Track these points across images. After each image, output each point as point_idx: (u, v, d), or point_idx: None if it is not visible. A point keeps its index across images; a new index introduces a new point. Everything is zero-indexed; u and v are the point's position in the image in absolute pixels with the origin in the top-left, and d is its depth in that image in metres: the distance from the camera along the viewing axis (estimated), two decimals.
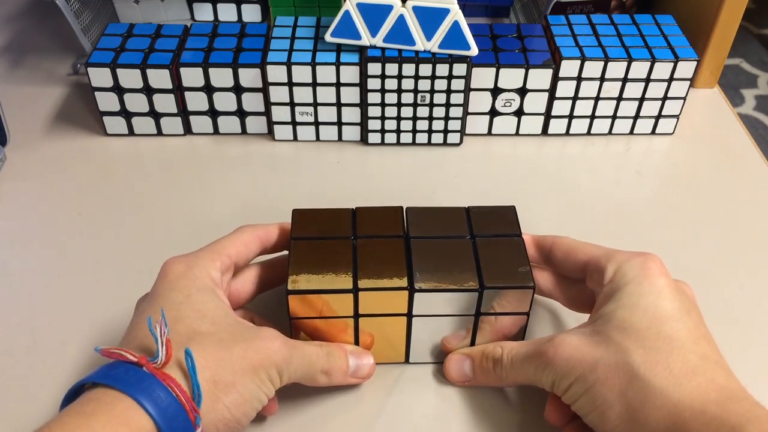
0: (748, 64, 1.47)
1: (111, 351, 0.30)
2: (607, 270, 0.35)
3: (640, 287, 0.34)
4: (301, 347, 0.35)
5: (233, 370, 0.31)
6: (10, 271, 0.46)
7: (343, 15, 0.50)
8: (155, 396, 0.29)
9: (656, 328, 0.32)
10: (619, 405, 0.31)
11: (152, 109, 0.55)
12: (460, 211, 0.40)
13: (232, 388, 0.31)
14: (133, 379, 0.29)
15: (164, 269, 0.35)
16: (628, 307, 0.33)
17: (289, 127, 0.55)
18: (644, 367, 0.31)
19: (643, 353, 0.32)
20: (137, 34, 0.55)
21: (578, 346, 0.33)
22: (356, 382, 0.38)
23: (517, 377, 0.36)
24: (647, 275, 0.34)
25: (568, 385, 0.33)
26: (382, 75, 0.51)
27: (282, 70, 0.52)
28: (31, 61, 0.66)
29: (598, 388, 0.32)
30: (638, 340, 0.32)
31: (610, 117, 0.56)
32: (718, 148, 0.57)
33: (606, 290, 0.35)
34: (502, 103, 0.55)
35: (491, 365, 0.37)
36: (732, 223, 0.50)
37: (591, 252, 0.37)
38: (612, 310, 0.34)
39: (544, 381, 0.34)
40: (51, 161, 0.54)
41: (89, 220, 0.50)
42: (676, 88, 0.54)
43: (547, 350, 0.34)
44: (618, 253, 0.36)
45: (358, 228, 0.39)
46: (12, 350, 0.41)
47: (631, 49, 0.54)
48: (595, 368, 0.32)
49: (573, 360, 0.33)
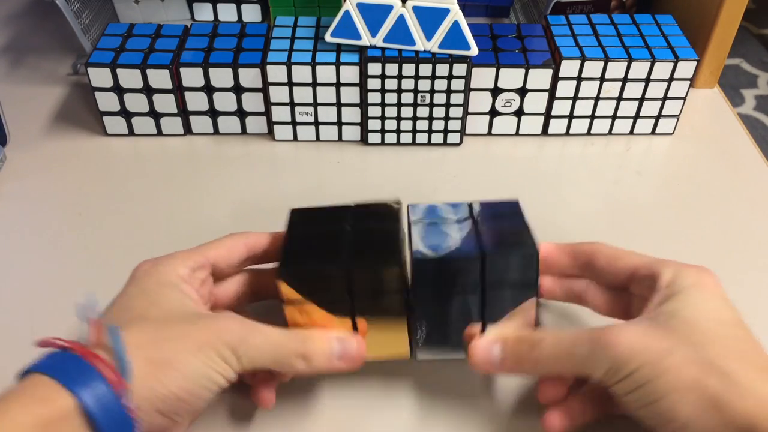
0: (748, 64, 1.47)
1: (46, 341, 0.31)
2: (664, 275, 0.35)
3: (702, 293, 0.34)
4: (265, 330, 0.33)
5: (171, 349, 0.31)
6: (10, 271, 0.46)
7: (343, 15, 0.50)
8: (78, 374, 0.29)
9: (723, 330, 0.32)
10: (696, 393, 0.30)
11: (152, 109, 0.55)
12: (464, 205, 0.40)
13: (168, 366, 0.30)
14: (58, 362, 0.29)
15: (134, 271, 0.36)
16: (692, 307, 0.33)
17: (289, 127, 0.55)
18: (722, 360, 0.31)
19: (718, 349, 0.31)
20: (137, 34, 0.55)
21: (644, 333, 0.32)
22: (345, 367, 0.35)
23: (560, 363, 0.34)
24: (706, 285, 0.34)
25: (630, 371, 0.31)
26: (382, 75, 0.51)
27: (282, 70, 0.52)
28: (31, 61, 0.66)
29: (670, 376, 0.31)
30: (709, 338, 0.32)
31: (610, 117, 0.56)
32: (718, 148, 0.57)
33: (663, 293, 0.34)
34: (502, 103, 0.55)
35: (527, 349, 0.34)
36: (732, 223, 0.50)
37: (639, 259, 0.37)
38: (675, 309, 0.33)
39: (596, 368, 0.32)
40: (51, 161, 0.54)
41: (89, 220, 0.50)
42: (676, 88, 0.55)
43: (609, 334, 0.32)
44: (669, 261, 0.36)
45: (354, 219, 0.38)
46: (12, 350, 0.41)
47: (631, 49, 0.54)
48: (668, 356, 0.31)
49: (640, 346, 0.32)
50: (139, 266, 0.36)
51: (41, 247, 0.47)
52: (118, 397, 0.29)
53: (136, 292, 0.34)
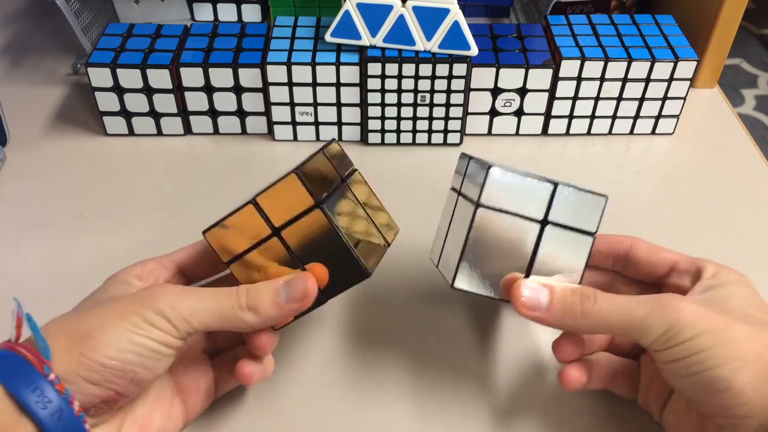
0: (748, 64, 1.47)
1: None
2: (708, 269, 0.36)
3: (745, 289, 0.35)
4: (200, 291, 0.34)
5: (91, 323, 0.32)
6: (10, 271, 0.46)
7: (343, 15, 0.50)
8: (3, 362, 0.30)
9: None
10: (757, 364, 0.31)
11: (152, 109, 0.55)
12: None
13: (88, 338, 0.31)
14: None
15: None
16: (740, 298, 0.34)
17: (289, 127, 0.55)
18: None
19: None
20: (137, 34, 0.55)
21: (704, 303, 0.33)
22: (298, 308, 0.35)
23: (609, 320, 0.33)
24: (747, 284, 0.36)
25: (691, 335, 0.32)
26: (382, 75, 0.51)
27: (282, 70, 0.52)
28: (31, 61, 0.66)
29: (733, 345, 0.31)
30: (761, 323, 0.33)
31: (610, 117, 0.56)
32: (718, 148, 0.57)
33: (709, 282, 0.35)
34: (502, 103, 0.55)
35: (578, 300, 0.34)
36: (732, 223, 0.50)
37: (678, 254, 0.38)
38: (725, 296, 0.34)
39: (652, 328, 0.32)
40: (51, 161, 0.54)
41: (89, 220, 0.50)
42: (676, 88, 0.55)
43: (671, 299, 0.33)
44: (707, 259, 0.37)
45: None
46: None
47: (631, 49, 0.54)
48: (730, 327, 0.32)
49: (703, 313, 0.32)
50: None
51: (41, 247, 0.47)
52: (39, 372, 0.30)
53: (87, 299, 0.35)
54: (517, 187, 0.35)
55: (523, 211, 0.35)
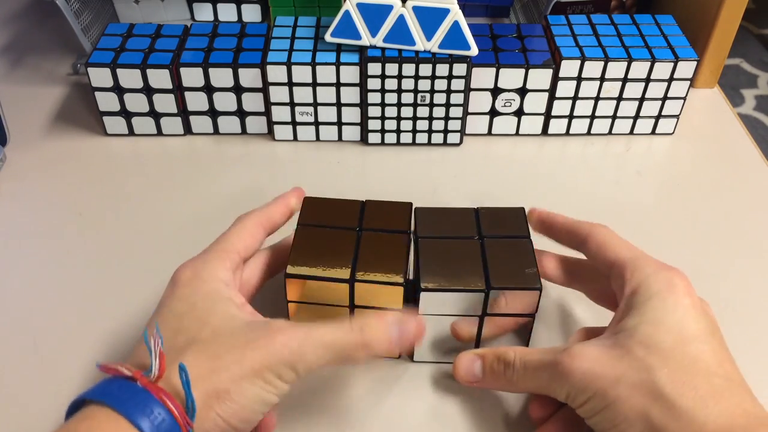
0: (748, 64, 1.47)
1: (108, 366, 0.30)
2: (631, 280, 0.35)
3: (665, 303, 0.33)
4: (318, 330, 0.32)
5: (228, 378, 0.31)
6: (10, 271, 0.46)
7: (343, 15, 0.50)
8: (147, 412, 0.28)
9: (681, 348, 0.32)
10: (641, 424, 0.31)
11: (152, 109, 0.55)
12: (469, 211, 0.40)
13: (226, 396, 0.30)
14: (126, 395, 0.29)
15: (173, 277, 0.35)
16: (652, 323, 0.33)
17: (289, 127, 0.55)
18: (669, 387, 0.31)
19: (669, 372, 0.31)
20: (137, 34, 0.55)
21: (598, 359, 0.32)
22: (405, 349, 0.36)
23: (529, 384, 0.35)
24: (673, 292, 0.34)
25: (585, 399, 0.32)
26: (382, 75, 0.51)
27: (282, 70, 0.52)
28: (31, 61, 0.66)
29: (619, 406, 0.31)
30: (663, 359, 0.31)
31: (610, 117, 0.56)
32: (718, 148, 0.57)
33: (628, 301, 0.34)
34: (502, 103, 0.55)
35: (502, 368, 0.36)
36: (732, 223, 0.50)
37: (620, 254, 0.36)
38: (635, 324, 0.33)
39: (558, 392, 0.34)
40: (51, 161, 0.54)
41: (89, 220, 0.50)
42: (676, 88, 0.54)
43: (564, 360, 0.33)
44: (645, 261, 0.35)
45: (364, 220, 0.39)
46: (12, 350, 0.41)
47: (631, 49, 0.54)
48: (617, 385, 0.31)
49: (592, 374, 0.32)
50: (180, 273, 0.35)
51: (41, 247, 0.47)
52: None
53: (184, 309, 0.33)
54: (450, 298, 0.37)
55: (460, 312, 0.37)
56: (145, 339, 0.30)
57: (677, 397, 0.30)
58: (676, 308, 0.33)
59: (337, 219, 0.39)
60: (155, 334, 0.30)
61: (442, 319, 0.38)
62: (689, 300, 0.34)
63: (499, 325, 0.38)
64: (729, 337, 0.34)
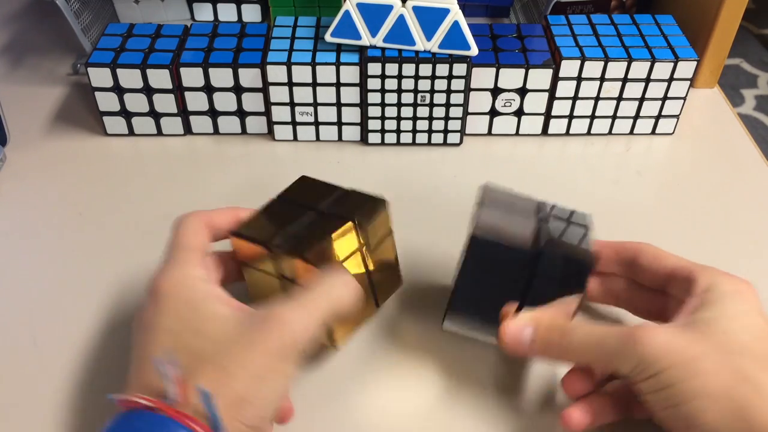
0: (748, 64, 1.47)
1: (128, 399, 0.30)
2: (702, 279, 0.35)
3: (740, 305, 0.34)
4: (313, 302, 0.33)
5: (242, 386, 0.31)
6: (10, 271, 0.46)
7: (343, 15, 0.50)
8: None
9: (758, 344, 0.32)
10: (725, 400, 0.31)
11: (152, 109, 0.55)
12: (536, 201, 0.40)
13: (244, 404, 0.30)
14: (157, 428, 0.29)
15: (152, 289, 0.34)
16: (729, 317, 0.33)
17: (289, 127, 0.55)
18: (756, 371, 0.31)
19: (753, 360, 0.31)
20: (137, 34, 0.55)
21: (679, 335, 0.32)
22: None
23: (586, 354, 0.34)
24: (744, 296, 0.34)
25: (657, 371, 0.32)
26: (382, 75, 0.51)
27: (282, 70, 0.52)
28: (31, 61, 0.66)
29: (701, 380, 0.31)
30: (744, 348, 0.32)
31: (610, 117, 0.56)
32: (718, 148, 0.57)
33: (700, 298, 0.34)
34: (502, 103, 0.55)
35: (557, 335, 0.35)
36: (732, 223, 0.50)
37: (680, 261, 0.37)
38: (712, 317, 0.33)
39: (623, 362, 0.33)
40: (51, 161, 0.54)
41: (89, 220, 0.50)
42: (676, 88, 0.54)
43: (640, 330, 0.32)
44: (711, 268, 0.36)
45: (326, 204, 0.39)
46: (12, 350, 0.41)
47: (631, 49, 0.54)
48: (701, 360, 0.31)
49: (672, 346, 0.32)
50: (158, 284, 0.34)
51: (41, 247, 0.47)
52: None
53: (177, 326, 0.33)
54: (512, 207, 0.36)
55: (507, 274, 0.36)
56: (157, 364, 0.30)
57: (765, 381, 0.31)
58: (750, 310, 0.34)
59: (309, 198, 0.39)
60: (170, 360, 0.30)
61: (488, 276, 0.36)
62: (757, 304, 0.34)
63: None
64: None
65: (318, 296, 0.34)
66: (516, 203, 0.39)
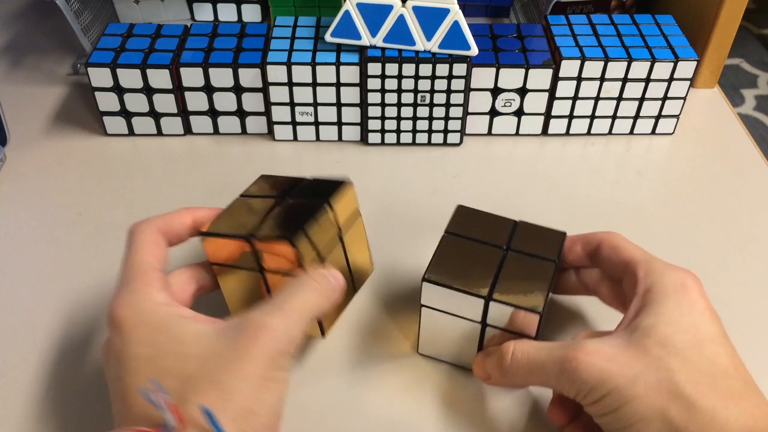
0: (748, 64, 1.47)
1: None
2: (643, 278, 0.35)
3: (681, 306, 0.33)
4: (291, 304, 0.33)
5: (243, 397, 0.30)
6: (10, 271, 0.46)
7: (343, 15, 0.50)
8: None
9: (698, 349, 0.32)
10: (659, 423, 0.30)
11: (152, 109, 0.55)
12: (509, 222, 0.40)
13: (250, 414, 0.30)
14: None
15: (113, 321, 0.33)
16: (668, 323, 0.32)
17: (289, 127, 0.55)
18: (689, 387, 0.30)
19: (687, 373, 0.31)
20: (137, 34, 0.55)
21: (613, 357, 0.32)
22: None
23: (535, 380, 0.35)
24: (687, 293, 0.33)
25: (598, 397, 0.32)
26: (382, 75, 0.51)
27: (282, 70, 0.52)
28: (31, 61, 0.66)
29: (636, 404, 0.31)
30: (681, 359, 0.31)
31: (610, 117, 0.56)
32: (718, 148, 0.57)
33: (642, 300, 0.34)
34: (502, 103, 0.55)
35: (508, 364, 0.35)
36: (732, 223, 0.50)
37: (634, 255, 0.36)
38: (651, 323, 0.32)
39: (566, 388, 0.33)
40: (51, 161, 0.54)
41: (89, 220, 0.50)
42: (676, 88, 0.55)
43: (576, 356, 0.32)
44: (657, 262, 0.35)
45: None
46: (12, 350, 0.41)
47: (631, 49, 0.54)
48: (634, 383, 0.31)
49: (607, 372, 0.31)
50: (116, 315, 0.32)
51: (41, 247, 0.47)
52: None
53: (150, 352, 0.31)
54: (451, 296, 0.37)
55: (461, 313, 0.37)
56: (145, 395, 0.29)
57: (698, 397, 0.30)
58: (692, 309, 0.33)
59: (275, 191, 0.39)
60: (154, 387, 0.29)
61: (443, 316, 0.37)
62: (703, 302, 0.34)
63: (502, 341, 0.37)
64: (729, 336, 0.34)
65: (298, 298, 0.33)
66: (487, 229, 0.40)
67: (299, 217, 0.36)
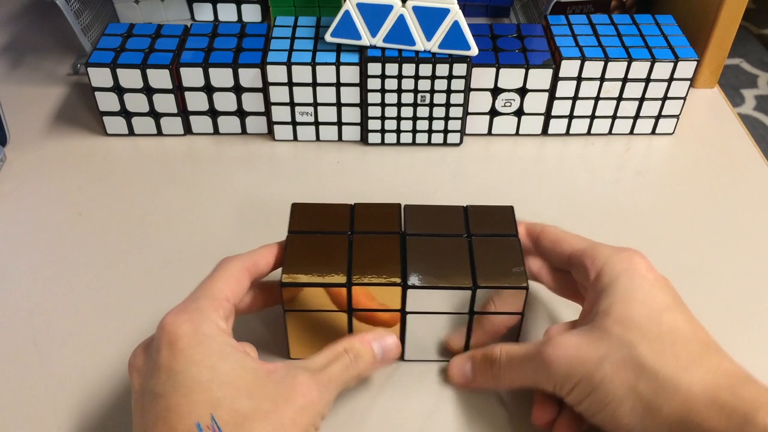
0: (748, 64, 1.47)
1: None
2: (593, 266, 0.36)
3: (632, 281, 0.34)
4: (330, 374, 0.33)
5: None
6: (10, 271, 0.46)
7: (343, 15, 0.50)
8: None
9: (656, 319, 0.33)
10: (631, 400, 0.31)
11: (152, 109, 0.55)
12: (458, 209, 0.40)
13: None
14: None
15: (169, 333, 0.31)
16: (624, 300, 0.33)
17: (289, 127, 0.55)
18: (651, 358, 0.31)
19: (648, 345, 0.32)
20: (137, 34, 0.55)
21: (578, 346, 0.33)
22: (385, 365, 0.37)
23: (515, 379, 0.36)
24: (635, 269, 0.35)
25: (571, 386, 0.33)
26: (382, 75, 0.51)
27: (282, 70, 0.52)
28: (31, 61, 0.66)
29: (606, 386, 0.32)
30: (641, 333, 0.32)
31: (610, 117, 0.56)
32: (718, 148, 0.57)
33: (596, 286, 0.35)
34: (502, 103, 0.55)
35: (489, 366, 0.37)
36: (732, 223, 0.50)
37: (574, 245, 0.38)
38: (608, 305, 0.34)
39: (545, 383, 0.34)
40: (51, 161, 0.54)
41: (89, 220, 0.50)
42: (676, 88, 0.55)
43: (546, 351, 0.34)
44: (601, 247, 0.36)
45: (355, 223, 0.39)
46: (12, 350, 0.41)
47: (631, 49, 0.54)
48: (601, 366, 0.32)
49: (575, 360, 0.33)
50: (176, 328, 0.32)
51: (41, 248, 0.47)
52: None
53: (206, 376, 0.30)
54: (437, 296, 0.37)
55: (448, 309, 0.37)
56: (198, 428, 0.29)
57: (660, 367, 0.31)
58: (643, 283, 0.34)
59: (327, 224, 0.39)
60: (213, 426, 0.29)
61: (430, 317, 0.38)
62: (652, 274, 0.35)
63: (487, 330, 0.38)
64: (728, 337, 0.34)
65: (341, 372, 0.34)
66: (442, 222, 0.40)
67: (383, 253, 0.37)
